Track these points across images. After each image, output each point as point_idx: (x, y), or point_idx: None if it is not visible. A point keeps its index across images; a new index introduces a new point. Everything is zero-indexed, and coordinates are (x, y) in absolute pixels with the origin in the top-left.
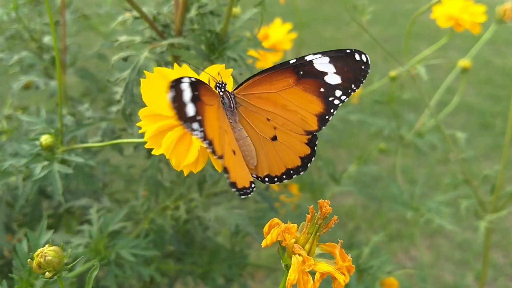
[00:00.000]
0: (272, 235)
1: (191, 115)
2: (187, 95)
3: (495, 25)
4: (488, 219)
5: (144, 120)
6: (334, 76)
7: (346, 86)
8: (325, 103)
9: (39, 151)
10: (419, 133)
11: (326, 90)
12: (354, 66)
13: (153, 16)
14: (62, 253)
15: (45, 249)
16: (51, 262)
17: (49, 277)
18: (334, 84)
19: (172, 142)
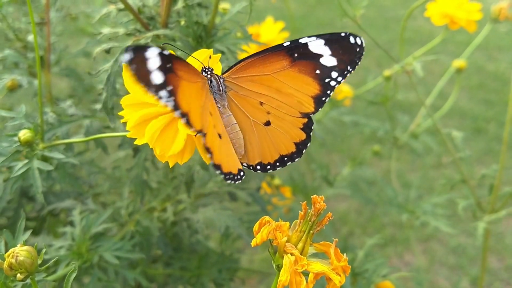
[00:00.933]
0: (263, 233)
1: (157, 83)
2: (154, 64)
3: (490, 24)
4: (487, 220)
5: (126, 108)
6: (329, 58)
7: (342, 68)
8: (321, 84)
9: (18, 147)
10: (414, 135)
11: (322, 71)
12: (349, 49)
13: (138, 8)
14: (36, 254)
15: (17, 249)
16: (23, 263)
17: (21, 279)
18: (329, 66)
19: (157, 130)
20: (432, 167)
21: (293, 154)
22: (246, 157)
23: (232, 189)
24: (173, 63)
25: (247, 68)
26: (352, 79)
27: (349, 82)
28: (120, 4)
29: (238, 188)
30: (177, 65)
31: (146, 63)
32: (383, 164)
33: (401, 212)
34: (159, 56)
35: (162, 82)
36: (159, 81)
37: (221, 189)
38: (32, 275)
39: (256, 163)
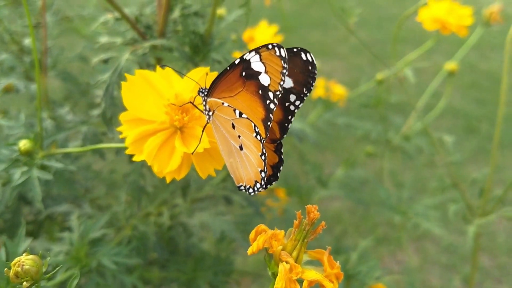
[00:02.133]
0: (259, 242)
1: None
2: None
3: (482, 28)
4: (477, 223)
5: (125, 124)
6: (286, 79)
7: (298, 90)
8: (282, 109)
9: (18, 156)
10: (406, 137)
11: (282, 95)
12: (302, 67)
13: (135, 17)
14: (41, 262)
15: (23, 258)
16: (29, 271)
17: (27, 287)
18: (287, 88)
19: (155, 148)
20: (425, 167)
21: (270, 177)
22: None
23: (227, 193)
24: None
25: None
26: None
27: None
28: (117, 13)
29: (233, 192)
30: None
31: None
32: (376, 164)
33: (393, 213)
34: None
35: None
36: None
37: (216, 192)
38: (37, 283)
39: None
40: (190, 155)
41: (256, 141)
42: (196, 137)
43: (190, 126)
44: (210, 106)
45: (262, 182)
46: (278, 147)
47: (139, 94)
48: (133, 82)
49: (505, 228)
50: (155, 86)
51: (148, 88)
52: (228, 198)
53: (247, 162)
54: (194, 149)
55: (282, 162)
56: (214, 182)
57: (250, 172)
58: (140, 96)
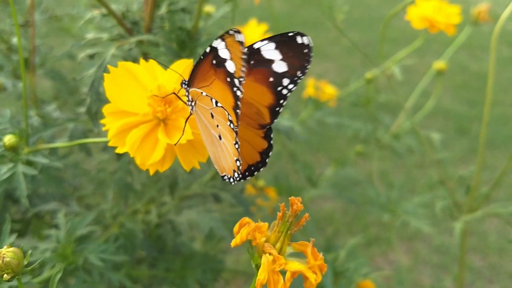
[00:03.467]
0: (242, 234)
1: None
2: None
3: (470, 27)
4: (463, 220)
5: (108, 117)
6: (280, 63)
7: (292, 74)
8: (274, 93)
9: (3, 152)
10: (396, 136)
11: (274, 79)
12: (298, 50)
13: (122, 13)
14: (22, 255)
15: (3, 250)
16: (10, 263)
17: (7, 279)
18: (281, 72)
19: (137, 140)
20: (416, 167)
21: (258, 163)
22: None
23: (216, 191)
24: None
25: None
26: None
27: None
28: (104, 9)
29: (222, 190)
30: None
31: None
32: (367, 163)
33: (383, 212)
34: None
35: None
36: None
37: (205, 190)
38: (18, 276)
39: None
40: (174, 147)
41: (230, 129)
42: (180, 128)
43: (173, 118)
44: (192, 97)
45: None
46: (268, 133)
47: (122, 86)
48: (116, 74)
49: (496, 228)
50: (138, 78)
51: (131, 80)
52: (217, 196)
53: (226, 152)
54: (177, 140)
55: (271, 148)
56: (203, 180)
57: (229, 162)
58: (123, 89)
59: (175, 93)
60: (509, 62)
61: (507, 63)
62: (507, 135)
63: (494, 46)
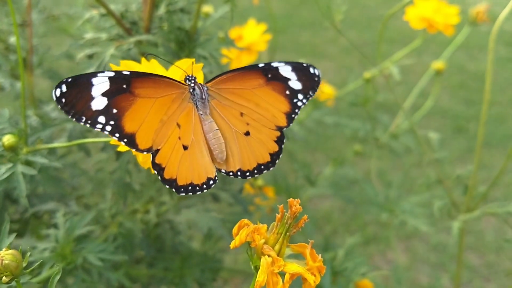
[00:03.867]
0: (241, 236)
1: (96, 109)
2: (100, 89)
3: (468, 27)
4: (462, 219)
5: None
6: (296, 82)
7: (305, 92)
8: (290, 103)
9: (2, 152)
10: (394, 135)
11: (290, 93)
12: (310, 77)
13: (121, 13)
14: (21, 257)
15: (2, 253)
16: (8, 266)
17: (6, 282)
18: (296, 88)
19: None
20: (414, 166)
21: (268, 163)
22: (226, 163)
23: (215, 190)
24: (132, 83)
25: (229, 81)
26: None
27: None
28: (102, 9)
29: (221, 190)
30: (137, 84)
31: (89, 90)
32: (365, 163)
33: (381, 211)
34: (109, 81)
35: (103, 108)
36: (101, 107)
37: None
38: (17, 278)
39: (237, 169)
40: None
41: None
42: None
43: None
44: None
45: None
46: (281, 138)
47: None
48: None
49: (493, 227)
50: None
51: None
52: (215, 195)
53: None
54: None
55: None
56: None
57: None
58: None
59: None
60: (507, 61)
61: (504, 62)
62: (504, 134)
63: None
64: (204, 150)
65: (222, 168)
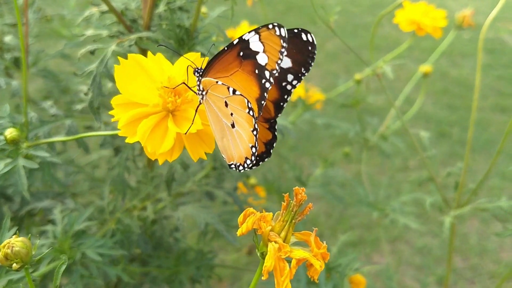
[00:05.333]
0: (248, 223)
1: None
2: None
3: (455, 31)
4: (453, 215)
5: (116, 108)
6: (285, 59)
7: (296, 70)
8: (279, 89)
9: (3, 145)
10: (383, 136)
11: (279, 75)
12: (302, 47)
13: (121, 11)
14: (30, 244)
15: (12, 240)
16: (19, 253)
17: (17, 268)
18: (285, 67)
19: (148, 129)
20: (399, 170)
21: (263, 154)
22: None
23: (210, 188)
24: None
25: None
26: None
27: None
28: (103, 6)
29: (215, 188)
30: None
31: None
32: (352, 167)
33: (371, 211)
34: None
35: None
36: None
37: (199, 188)
38: (26, 265)
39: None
40: (182, 138)
41: (249, 117)
42: (188, 119)
43: (182, 108)
44: (204, 86)
45: (253, 158)
46: (272, 125)
47: (132, 78)
48: (126, 65)
49: (477, 230)
50: (147, 70)
51: (141, 72)
52: (210, 193)
53: (239, 140)
54: (187, 130)
55: (275, 139)
56: (196, 177)
57: (241, 149)
58: (133, 80)
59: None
60: (488, 68)
61: (486, 69)
62: (486, 140)
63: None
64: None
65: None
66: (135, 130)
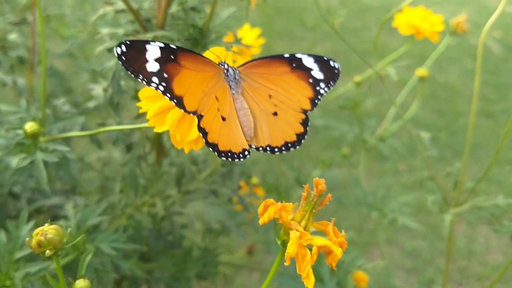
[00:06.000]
0: (270, 212)
1: (151, 71)
2: (153, 55)
3: (449, 36)
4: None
5: (144, 101)
6: (318, 72)
7: (326, 82)
8: (314, 90)
9: (22, 140)
10: (382, 138)
11: (313, 81)
12: (330, 69)
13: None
14: (63, 232)
15: (46, 227)
16: (52, 240)
17: (50, 255)
18: (318, 78)
19: (176, 119)
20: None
21: (294, 142)
22: (255, 139)
23: (216, 187)
24: (178, 55)
25: (258, 66)
26: None
27: None
28: (118, 5)
29: (221, 186)
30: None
31: (145, 54)
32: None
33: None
34: (160, 50)
35: (155, 71)
36: (154, 70)
37: (207, 185)
38: (59, 252)
39: (266, 145)
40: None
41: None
42: None
43: None
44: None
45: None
46: (305, 121)
47: None
48: None
49: (465, 233)
50: None
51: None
52: (215, 191)
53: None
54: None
55: (306, 133)
56: (202, 176)
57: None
58: None
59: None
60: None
61: (472, 75)
62: (474, 144)
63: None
64: (238, 125)
65: (252, 144)
66: (163, 120)
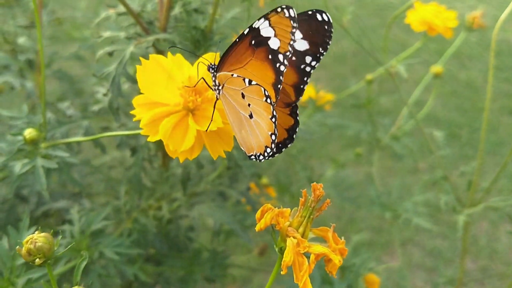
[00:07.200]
0: (266, 219)
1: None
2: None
3: (465, 32)
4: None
5: (138, 108)
6: (301, 42)
7: (314, 51)
8: (297, 72)
9: (22, 146)
10: (395, 137)
11: (297, 58)
12: (318, 28)
13: (137, 13)
14: (53, 240)
15: (35, 236)
16: (42, 248)
17: (39, 264)
18: (303, 50)
19: (169, 128)
20: (409, 172)
21: (285, 140)
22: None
23: (223, 188)
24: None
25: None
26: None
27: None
28: (120, 8)
29: (229, 188)
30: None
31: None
32: (361, 169)
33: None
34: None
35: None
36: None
37: (213, 188)
38: (49, 260)
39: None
40: (202, 137)
41: (267, 105)
42: (209, 118)
43: (202, 107)
44: (219, 81)
45: (273, 146)
46: (294, 110)
47: (153, 78)
48: (147, 66)
49: (487, 232)
50: (168, 70)
51: (162, 72)
52: (223, 193)
53: (257, 129)
54: (207, 127)
55: (298, 123)
56: (209, 178)
57: (260, 139)
58: (154, 80)
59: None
60: (496, 70)
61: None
62: (494, 142)
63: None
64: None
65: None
66: (156, 129)
